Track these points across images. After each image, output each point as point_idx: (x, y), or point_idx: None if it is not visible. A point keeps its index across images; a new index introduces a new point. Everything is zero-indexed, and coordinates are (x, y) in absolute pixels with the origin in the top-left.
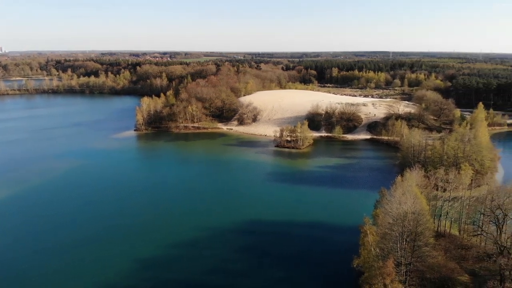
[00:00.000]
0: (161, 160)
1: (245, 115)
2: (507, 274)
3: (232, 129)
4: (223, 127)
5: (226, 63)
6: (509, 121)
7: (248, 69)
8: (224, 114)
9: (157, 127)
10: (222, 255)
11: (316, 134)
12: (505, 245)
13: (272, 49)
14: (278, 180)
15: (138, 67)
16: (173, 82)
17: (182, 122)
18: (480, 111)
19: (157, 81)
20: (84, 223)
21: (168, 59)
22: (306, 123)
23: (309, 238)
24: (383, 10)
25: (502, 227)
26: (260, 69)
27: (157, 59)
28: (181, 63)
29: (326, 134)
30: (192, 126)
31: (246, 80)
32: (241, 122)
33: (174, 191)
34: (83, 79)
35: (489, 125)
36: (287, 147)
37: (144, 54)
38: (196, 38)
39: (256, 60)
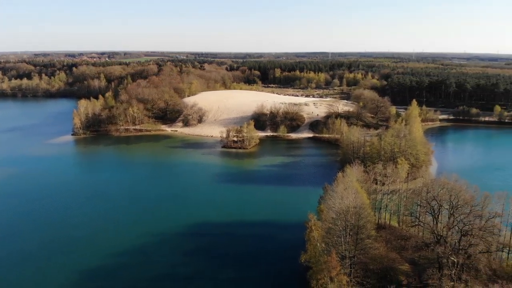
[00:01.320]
0: (102, 165)
1: (190, 116)
2: (445, 262)
3: (176, 130)
4: (167, 129)
5: (168, 63)
6: (441, 117)
7: (191, 69)
8: (168, 115)
9: (96, 130)
10: (171, 260)
11: (262, 134)
12: (441, 234)
13: (215, 49)
14: (226, 181)
15: (74, 68)
16: (112, 83)
17: (122, 125)
18: (414, 108)
19: (95, 83)
20: (22, 235)
21: (107, 59)
22: (252, 123)
23: (258, 237)
24: (322, 11)
25: (437, 217)
26: (204, 69)
27: (94, 59)
28: (120, 63)
29: (271, 134)
30: (134, 129)
31: (190, 81)
32: (186, 123)
33: (118, 198)
34: (15, 82)
35: (422, 121)
36: (234, 148)
37: (81, 54)
38: (136, 38)
39: (200, 60)
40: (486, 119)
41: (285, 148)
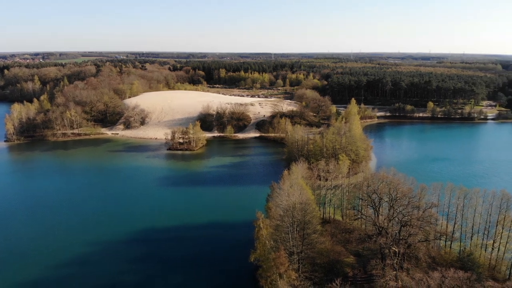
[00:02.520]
0: (40, 173)
1: (132, 118)
2: (387, 252)
3: (118, 134)
4: (108, 132)
5: (108, 63)
6: (378, 114)
7: (132, 69)
8: (108, 118)
9: (31, 136)
10: (119, 268)
11: (208, 135)
12: (382, 225)
13: (157, 49)
14: (173, 184)
15: (6, 71)
16: (47, 86)
17: (59, 129)
18: (353, 106)
19: (29, 85)
20: None
21: (41, 60)
22: (198, 124)
23: (207, 239)
24: (264, 13)
25: (378, 210)
26: (146, 69)
27: (27, 60)
28: (55, 65)
29: (218, 134)
30: (72, 133)
31: (130, 81)
32: (127, 126)
33: (58, 206)
34: None
35: (361, 118)
36: (180, 149)
37: (13, 56)
38: (72, 37)
39: (141, 60)
40: (420, 115)
41: (232, 148)
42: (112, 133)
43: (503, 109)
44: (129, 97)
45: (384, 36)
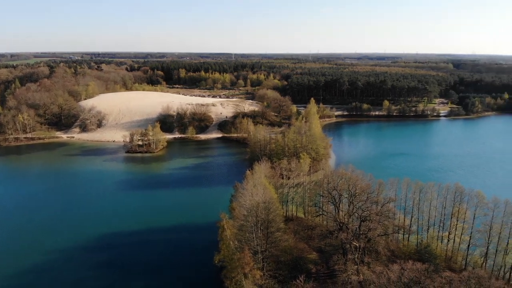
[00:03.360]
0: None
1: (88, 121)
2: (348, 247)
3: (73, 137)
4: (63, 136)
5: (61, 64)
6: (337, 113)
7: (87, 70)
8: (63, 121)
9: None
10: (77, 276)
11: (169, 136)
12: (343, 221)
13: (113, 49)
14: (133, 188)
15: None
16: None
17: (11, 134)
18: (312, 105)
19: None
20: None
21: None
22: (158, 125)
23: (171, 243)
24: (223, 11)
25: (339, 206)
26: (102, 70)
27: None
28: (6, 66)
29: (179, 136)
30: (25, 138)
31: (86, 82)
32: (84, 128)
33: (12, 214)
34: None
35: (320, 117)
36: (140, 152)
37: None
38: (24, 38)
39: (96, 61)
40: (377, 113)
41: (194, 149)
42: (68, 137)
43: (454, 106)
44: (85, 98)
45: (341, 37)
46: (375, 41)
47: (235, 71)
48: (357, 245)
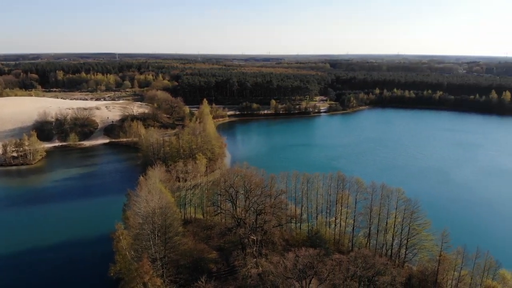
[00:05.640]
0: None
1: None
2: (246, 241)
3: None
4: None
5: None
6: (229, 113)
7: None
8: None
9: None
10: None
11: (48, 145)
12: (240, 217)
13: None
14: (11, 205)
15: None
16: None
17: None
18: (205, 106)
19: None
20: None
21: None
22: (35, 133)
23: (62, 260)
24: (104, 8)
25: (236, 203)
26: None
27: None
28: None
29: (60, 144)
30: None
31: None
32: None
33: None
34: None
35: (214, 118)
36: (15, 165)
37: None
38: None
39: None
40: (265, 112)
41: (79, 158)
42: None
43: (332, 102)
44: None
45: (228, 39)
46: (259, 43)
47: (120, 72)
48: (255, 238)
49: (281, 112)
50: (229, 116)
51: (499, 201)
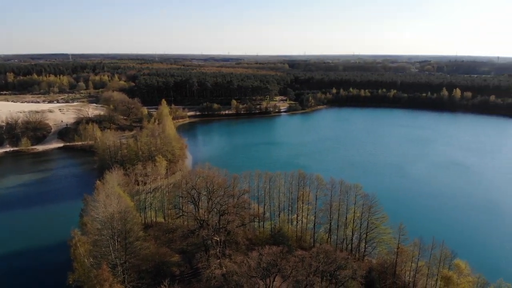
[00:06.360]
0: None
1: None
2: (209, 243)
3: None
4: None
5: None
6: (189, 114)
7: None
8: None
9: None
10: None
11: None
12: (203, 218)
13: None
14: None
15: None
16: None
17: None
18: (164, 107)
19: None
20: None
21: None
22: None
23: (18, 270)
24: (54, 7)
25: (198, 204)
26: None
27: None
28: None
29: (12, 149)
30: None
31: None
32: None
33: None
34: None
35: (173, 119)
36: None
37: None
38: None
39: None
40: (227, 112)
41: (32, 163)
42: None
43: (292, 102)
44: None
45: (187, 39)
46: (219, 43)
47: (74, 73)
48: (218, 239)
49: (242, 112)
50: (190, 116)
51: (452, 193)
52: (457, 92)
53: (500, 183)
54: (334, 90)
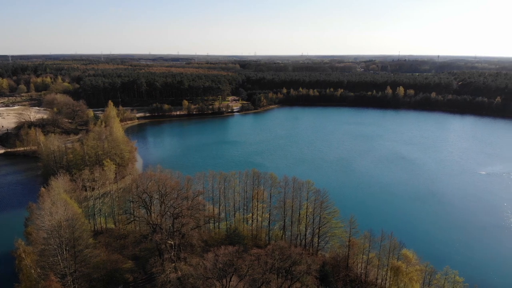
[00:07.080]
0: None
1: None
2: (164, 247)
3: None
4: None
5: None
6: (138, 115)
7: None
8: None
9: None
10: None
11: None
12: (156, 222)
13: None
14: None
15: None
16: None
17: None
18: (111, 109)
19: None
20: None
21: None
22: None
23: None
24: None
25: (150, 208)
26: None
27: None
28: None
29: None
30: None
31: None
32: None
33: None
34: None
35: (121, 120)
36: None
37: None
38: None
39: None
40: (178, 113)
41: None
42: None
43: (244, 102)
44: None
45: (134, 38)
46: (168, 42)
47: (14, 75)
48: (172, 243)
49: (194, 112)
50: (139, 118)
51: (397, 185)
52: (401, 90)
53: (442, 175)
54: (284, 90)
